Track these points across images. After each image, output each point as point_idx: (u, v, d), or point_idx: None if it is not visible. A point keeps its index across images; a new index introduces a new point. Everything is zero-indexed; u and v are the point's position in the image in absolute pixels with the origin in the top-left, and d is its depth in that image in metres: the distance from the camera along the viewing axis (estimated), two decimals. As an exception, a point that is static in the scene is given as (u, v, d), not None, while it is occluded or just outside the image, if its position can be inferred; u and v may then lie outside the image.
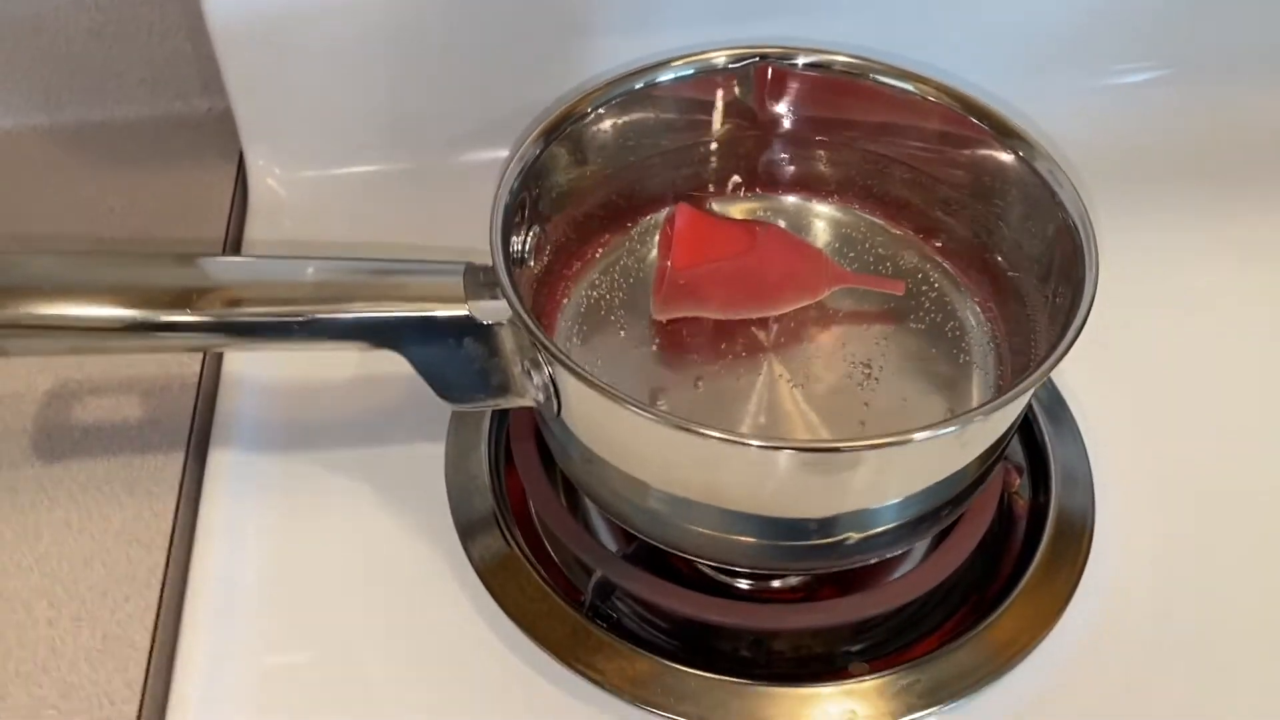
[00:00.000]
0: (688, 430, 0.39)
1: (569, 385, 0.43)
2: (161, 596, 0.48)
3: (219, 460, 0.53)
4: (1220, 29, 0.70)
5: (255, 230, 0.63)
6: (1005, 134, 0.48)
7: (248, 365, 0.56)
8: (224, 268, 0.46)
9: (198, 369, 0.55)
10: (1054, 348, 0.41)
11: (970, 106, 0.49)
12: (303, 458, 0.53)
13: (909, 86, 0.50)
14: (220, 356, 0.56)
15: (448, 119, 0.65)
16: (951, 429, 0.39)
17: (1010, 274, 0.50)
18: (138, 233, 0.62)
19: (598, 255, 0.54)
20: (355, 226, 0.63)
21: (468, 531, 0.50)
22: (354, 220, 0.64)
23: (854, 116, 0.53)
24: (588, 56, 0.62)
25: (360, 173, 0.65)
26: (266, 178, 0.65)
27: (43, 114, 0.68)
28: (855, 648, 0.50)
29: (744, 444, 0.39)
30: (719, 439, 0.39)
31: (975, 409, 0.40)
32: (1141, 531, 0.52)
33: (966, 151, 0.50)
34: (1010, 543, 0.52)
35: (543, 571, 0.49)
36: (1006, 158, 0.48)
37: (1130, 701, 0.47)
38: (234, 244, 0.63)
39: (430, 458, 0.53)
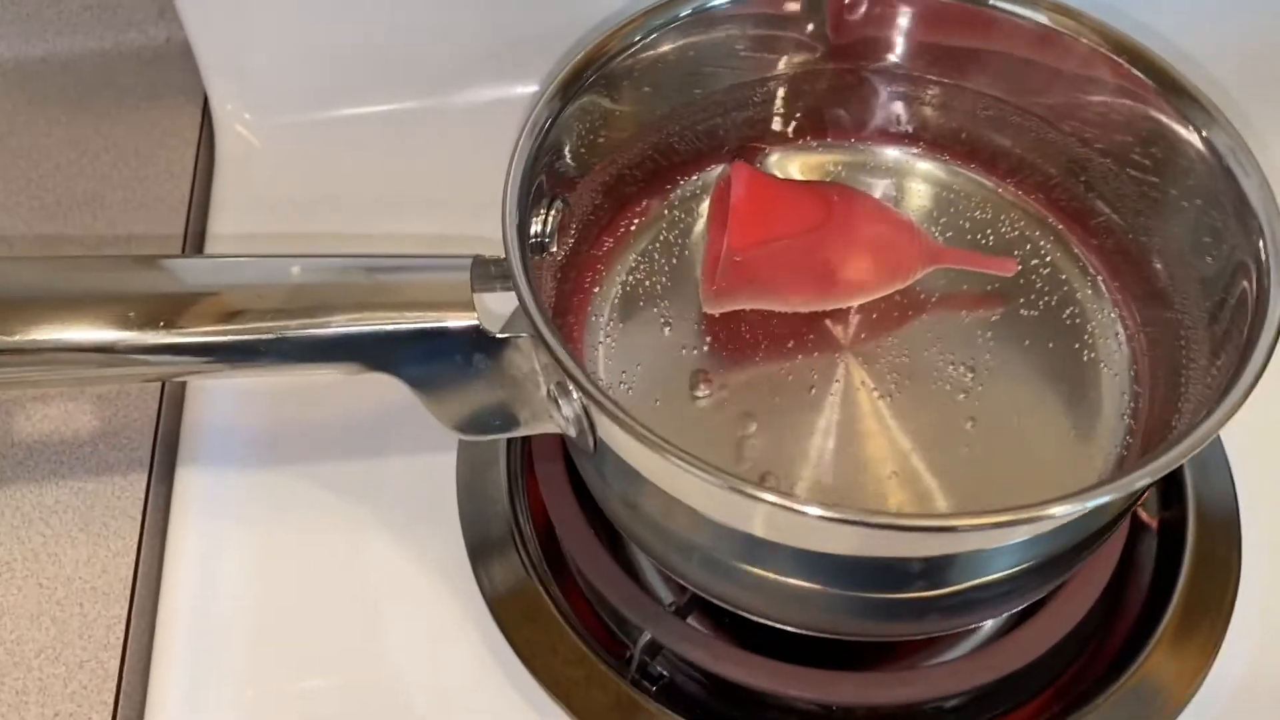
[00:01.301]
0: (743, 494, 0.30)
1: (607, 425, 0.34)
2: (123, 659, 0.40)
3: (188, 481, 0.45)
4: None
5: (223, 191, 0.53)
6: (1174, 93, 0.37)
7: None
8: (169, 273, 0.37)
9: (159, 369, 0.47)
10: (1226, 388, 0.31)
11: (1127, 51, 0.38)
12: (288, 473, 0.45)
13: (1041, 17, 0.39)
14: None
15: (448, 50, 0.54)
16: (1102, 499, 0.30)
17: (1157, 263, 0.40)
18: (86, 193, 0.53)
19: (634, 228, 0.44)
20: (343, 184, 0.54)
21: (483, 564, 0.42)
22: (341, 177, 0.54)
23: (959, 49, 0.42)
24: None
25: (349, 116, 0.55)
26: (235, 124, 0.55)
27: (-28, 49, 0.58)
28: (950, 703, 0.41)
29: (803, 514, 0.30)
30: (776, 504, 0.30)
31: (1129, 476, 0.30)
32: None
33: (1116, 105, 0.39)
34: (1137, 570, 0.43)
35: (571, 614, 0.41)
36: (1174, 125, 0.37)
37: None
38: (199, 208, 0.53)
39: (440, 470, 0.45)
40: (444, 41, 0.54)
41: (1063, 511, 0.30)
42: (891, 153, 0.45)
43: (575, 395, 0.34)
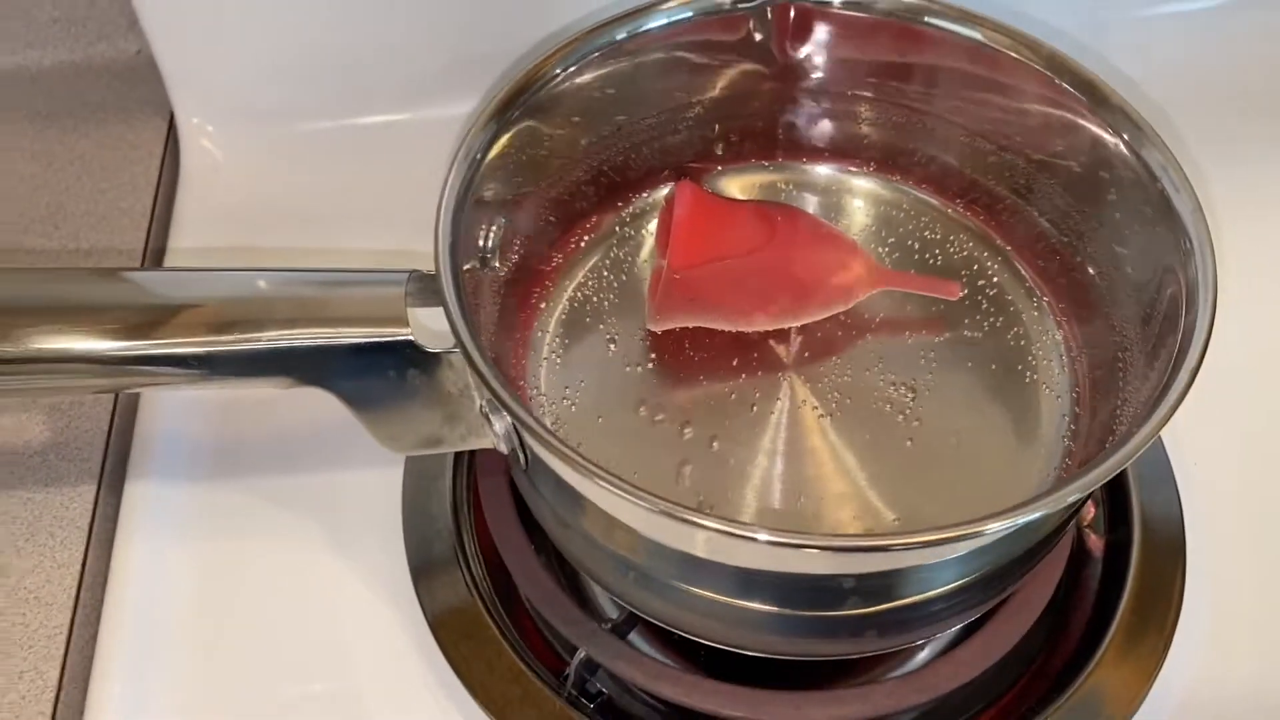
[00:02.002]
0: (677, 519, 0.30)
1: (537, 446, 0.34)
2: (63, 670, 0.40)
3: (137, 492, 0.45)
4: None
5: (186, 204, 0.54)
6: (1104, 108, 0.37)
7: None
8: (99, 286, 0.37)
9: (112, 381, 0.47)
10: (1155, 403, 0.31)
11: (1058, 66, 0.38)
12: (236, 486, 0.45)
13: (975, 34, 0.39)
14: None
15: (414, 66, 0.54)
16: (1033, 515, 0.30)
17: (1095, 277, 0.40)
18: (51, 206, 0.53)
19: (583, 244, 0.44)
20: (304, 197, 0.54)
21: (424, 580, 0.42)
22: (303, 189, 0.54)
23: (901, 67, 0.42)
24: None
25: (307, 131, 0.55)
26: (200, 137, 0.55)
27: (-59, 60, 0.58)
28: (899, 721, 0.42)
29: (750, 539, 0.30)
30: (718, 530, 0.30)
31: (1058, 491, 0.30)
32: (1246, 572, 0.43)
33: (1050, 120, 0.39)
34: (1083, 590, 0.43)
35: (514, 632, 0.41)
36: (1105, 137, 0.37)
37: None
38: (160, 221, 0.53)
39: (386, 485, 0.45)
40: (404, 59, 0.54)
41: (995, 528, 0.30)
42: (841, 172, 0.45)
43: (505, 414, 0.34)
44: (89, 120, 0.57)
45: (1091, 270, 0.40)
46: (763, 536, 0.30)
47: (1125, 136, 0.37)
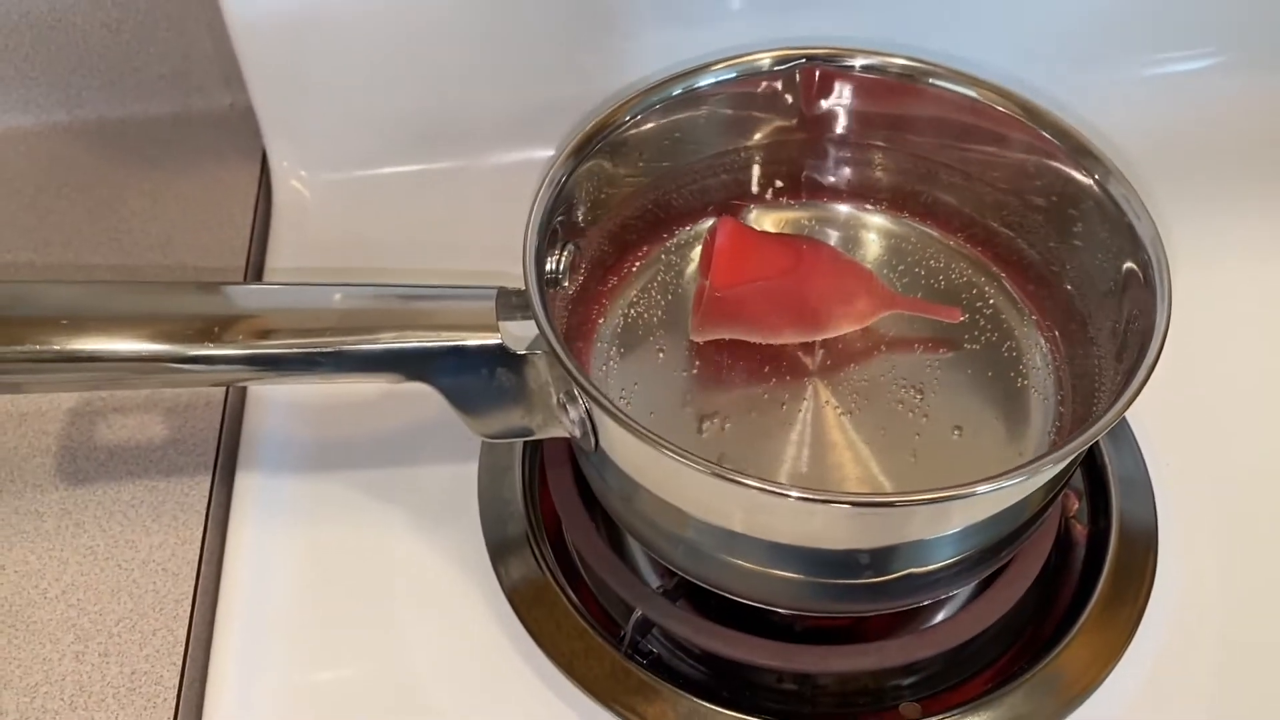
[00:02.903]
0: (727, 479, 0.37)
1: (606, 424, 0.41)
2: (190, 629, 0.47)
3: (246, 483, 0.51)
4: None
5: (279, 237, 0.61)
6: (1077, 151, 0.45)
7: (274, 382, 0.54)
8: (246, 296, 0.44)
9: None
10: (1120, 392, 0.38)
11: (1038, 118, 0.46)
12: (332, 479, 0.52)
13: (971, 92, 0.47)
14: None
15: (481, 118, 0.62)
16: (1014, 481, 0.37)
17: (1074, 295, 0.47)
18: (158, 238, 0.61)
19: (635, 269, 0.51)
20: (384, 232, 0.61)
21: (500, 557, 0.49)
22: (383, 225, 0.61)
23: (909, 121, 0.50)
24: (625, 50, 0.59)
25: (390, 174, 0.63)
26: (291, 179, 0.63)
27: (62, 111, 0.66)
28: (907, 681, 0.48)
29: (784, 495, 0.37)
30: (759, 489, 0.37)
31: (1039, 459, 0.37)
32: (1210, 558, 0.49)
33: (1033, 164, 0.47)
34: (1068, 571, 0.50)
35: (577, 601, 0.47)
36: (1078, 176, 0.45)
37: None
38: (258, 250, 0.61)
39: (463, 478, 0.52)
40: (472, 111, 0.62)
41: (986, 489, 0.37)
42: (858, 210, 0.53)
43: (580, 400, 0.41)
44: (190, 163, 0.65)
45: (1070, 289, 0.47)
46: (794, 494, 0.37)
47: (1095, 176, 0.44)
